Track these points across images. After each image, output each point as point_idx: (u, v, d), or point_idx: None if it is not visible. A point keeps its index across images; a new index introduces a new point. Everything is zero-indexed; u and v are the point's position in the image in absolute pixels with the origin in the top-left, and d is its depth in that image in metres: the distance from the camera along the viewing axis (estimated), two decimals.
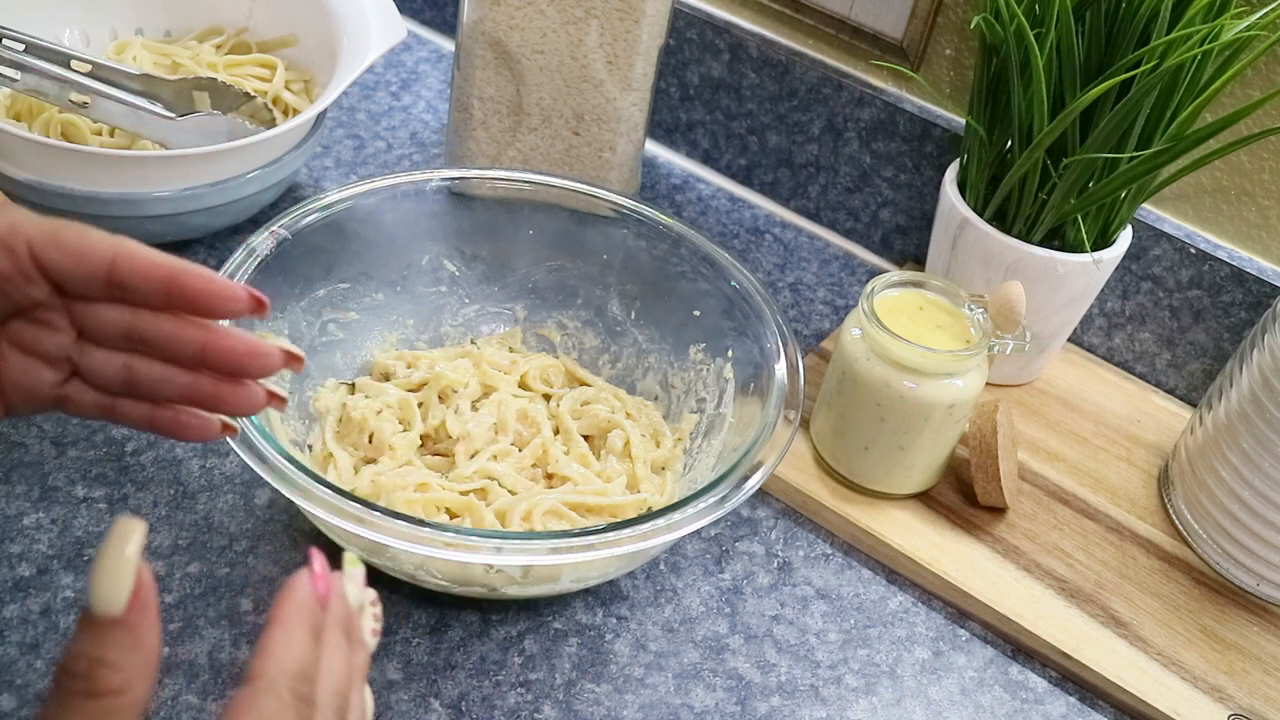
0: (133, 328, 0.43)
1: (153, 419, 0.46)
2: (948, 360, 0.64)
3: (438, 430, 0.65)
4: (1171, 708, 0.61)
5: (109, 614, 0.32)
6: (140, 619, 0.33)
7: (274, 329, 0.64)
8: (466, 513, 0.60)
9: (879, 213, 0.89)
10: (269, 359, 0.44)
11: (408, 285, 0.72)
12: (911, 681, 0.62)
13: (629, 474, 0.65)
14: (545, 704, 0.58)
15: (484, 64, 0.79)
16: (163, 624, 0.58)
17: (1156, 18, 0.65)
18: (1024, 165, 0.70)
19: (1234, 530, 0.67)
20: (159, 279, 0.42)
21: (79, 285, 0.42)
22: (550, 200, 0.72)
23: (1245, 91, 0.73)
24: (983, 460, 0.67)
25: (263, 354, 0.44)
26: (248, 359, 0.44)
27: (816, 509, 0.69)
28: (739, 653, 0.62)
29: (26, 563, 0.59)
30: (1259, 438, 0.65)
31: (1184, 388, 0.82)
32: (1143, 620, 0.66)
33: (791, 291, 0.86)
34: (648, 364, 0.72)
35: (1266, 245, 0.77)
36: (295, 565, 0.61)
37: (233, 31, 0.88)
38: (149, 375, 0.44)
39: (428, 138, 0.94)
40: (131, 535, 0.33)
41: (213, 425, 0.46)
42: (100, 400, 0.45)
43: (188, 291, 0.42)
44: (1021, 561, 0.68)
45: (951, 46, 0.83)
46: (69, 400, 0.45)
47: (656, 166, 0.95)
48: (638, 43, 0.77)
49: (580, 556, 0.52)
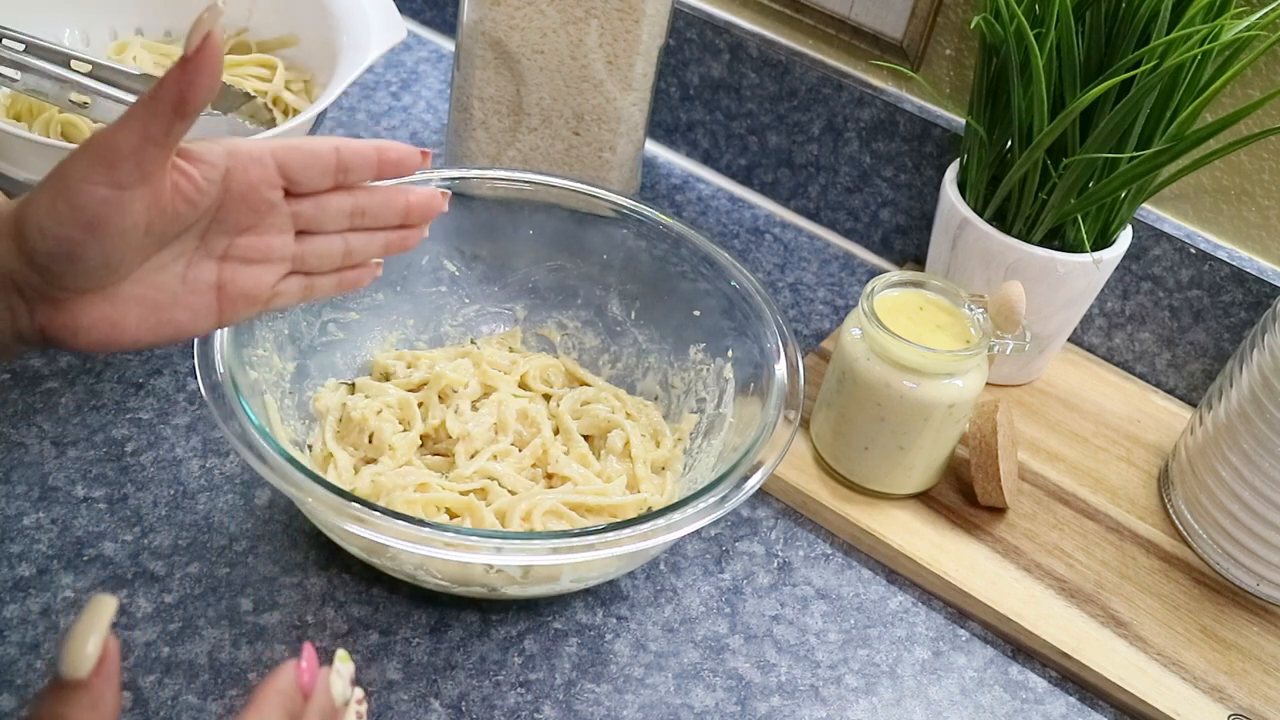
0: (355, 206, 0.50)
1: (340, 281, 0.53)
2: (948, 360, 0.64)
3: (438, 430, 0.65)
4: (1171, 708, 0.61)
5: (75, 677, 0.36)
6: (102, 684, 0.36)
7: (274, 329, 0.64)
8: (466, 513, 0.60)
9: (879, 213, 0.89)
10: (435, 195, 0.54)
11: (408, 285, 0.72)
12: (911, 681, 0.62)
13: (629, 474, 0.65)
14: (545, 704, 0.58)
15: (484, 64, 0.79)
16: (163, 624, 0.58)
17: (1156, 18, 0.65)
18: (1024, 165, 0.70)
19: (1234, 530, 0.67)
20: (371, 157, 0.49)
21: (314, 180, 0.48)
22: (550, 200, 0.72)
23: (1245, 91, 0.73)
24: (983, 460, 0.67)
25: (434, 194, 0.54)
26: (431, 199, 0.53)
27: (816, 509, 0.69)
28: (739, 653, 0.62)
29: (26, 563, 0.59)
30: (1259, 438, 0.65)
31: (1184, 388, 0.82)
32: (1143, 620, 0.66)
33: (791, 291, 0.86)
34: (648, 364, 0.72)
35: (1266, 245, 0.77)
36: (295, 565, 0.62)
37: (233, 31, 0.88)
38: (364, 245, 0.52)
39: (428, 138, 0.94)
40: (105, 611, 0.36)
41: (378, 266, 0.55)
42: (304, 285, 0.51)
43: (390, 160, 0.50)
44: (1021, 561, 0.68)
45: (951, 46, 0.83)
46: (279, 296, 0.50)
47: (656, 166, 0.95)
48: (638, 43, 0.77)
49: (580, 556, 0.52)
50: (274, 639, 0.58)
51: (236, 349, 0.59)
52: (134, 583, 0.60)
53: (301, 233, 0.50)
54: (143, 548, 0.61)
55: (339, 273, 0.52)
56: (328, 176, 0.49)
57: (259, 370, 0.62)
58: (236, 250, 0.47)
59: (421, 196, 0.53)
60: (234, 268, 0.48)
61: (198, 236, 0.46)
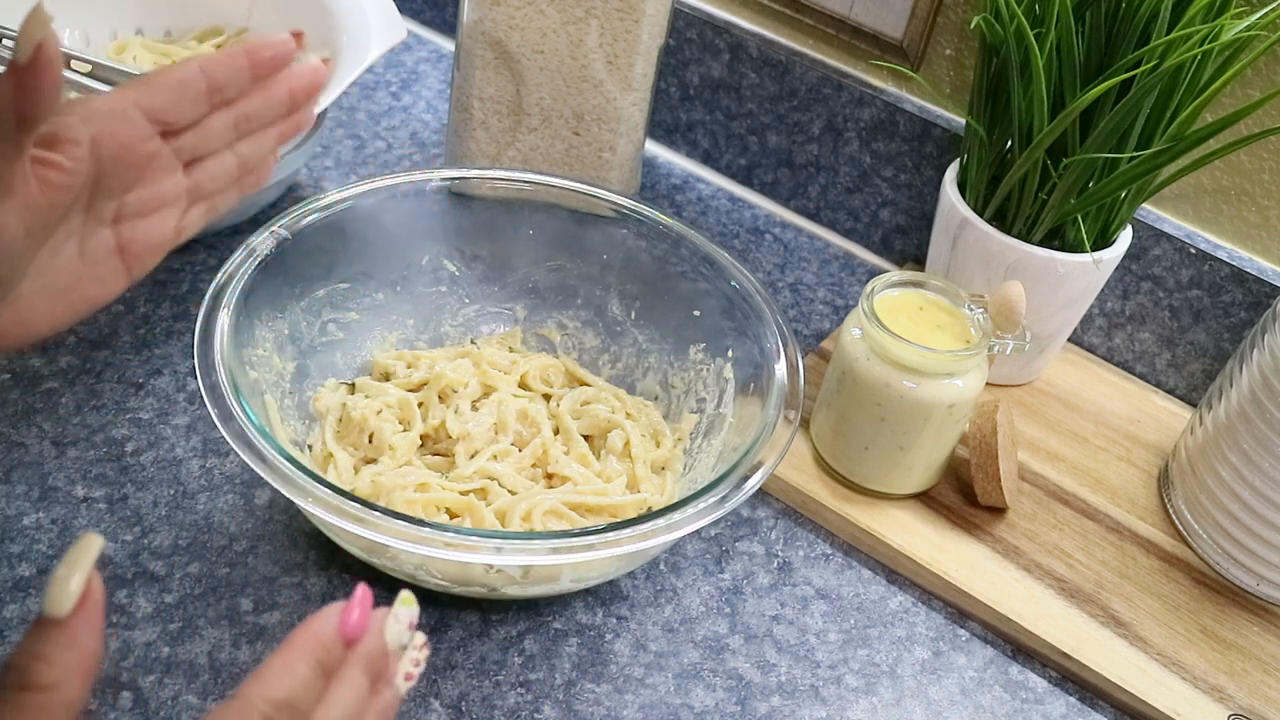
0: (239, 116, 0.48)
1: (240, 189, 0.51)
2: (948, 360, 0.64)
3: (438, 430, 0.65)
4: (1171, 708, 0.61)
5: (54, 615, 0.35)
6: (82, 624, 0.35)
7: (274, 329, 0.64)
8: (466, 513, 0.60)
9: (879, 213, 0.89)
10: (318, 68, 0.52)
11: (408, 285, 0.72)
12: (911, 681, 0.62)
13: (629, 474, 0.65)
14: (545, 704, 0.58)
15: (484, 64, 0.79)
16: (163, 624, 0.58)
17: (1156, 18, 0.65)
18: (1024, 165, 0.70)
19: (1234, 530, 0.67)
20: (243, 65, 0.47)
21: (188, 113, 0.46)
22: (550, 200, 0.72)
23: (1245, 91, 0.73)
24: (983, 460, 0.67)
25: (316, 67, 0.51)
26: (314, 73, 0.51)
27: (816, 509, 0.69)
28: (739, 653, 0.62)
29: (26, 563, 0.59)
30: (1259, 438, 0.65)
31: (1184, 388, 0.82)
32: (1143, 620, 0.66)
33: (791, 291, 0.86)
34: (648, 364, 0.72)
35: (1266, 245, 0.77)
36: (295, 565, 0.62)
37: (233, 31, 0.88)
38: (256, 149, 0.50)
39: (428, 138, 0.94)
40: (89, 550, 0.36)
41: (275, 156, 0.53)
42: (205, 209, 0.49)
43: (264, 61, 0.48)
44: (1021, 561, 0.68)
45: (951, 46, 0.83)
46: (185, 230, 0.48)
47: (656, 166, 0.95)
48: (638, 43, 0.77)
49: (580, 556, 0.52)
50: (274, 639, 0.58)
51: (236, 349, 0.59)
52: (134, 583, 0.60)
53: (190, 163, 0.48)
54: (143, 548, 0.61)
55: (238, 182, 0.50)
56: (201, 103, 0.46)
57: (259, 370, 0.62)
58: (128, 208, 0.46)
59: (303, 77, 0.50)
60: (131, 226, 0.46)
61: (82, 211, 0.44)
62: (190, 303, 0.75)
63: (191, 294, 0.76)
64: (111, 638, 0.57)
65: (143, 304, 0.74)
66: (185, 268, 0.77)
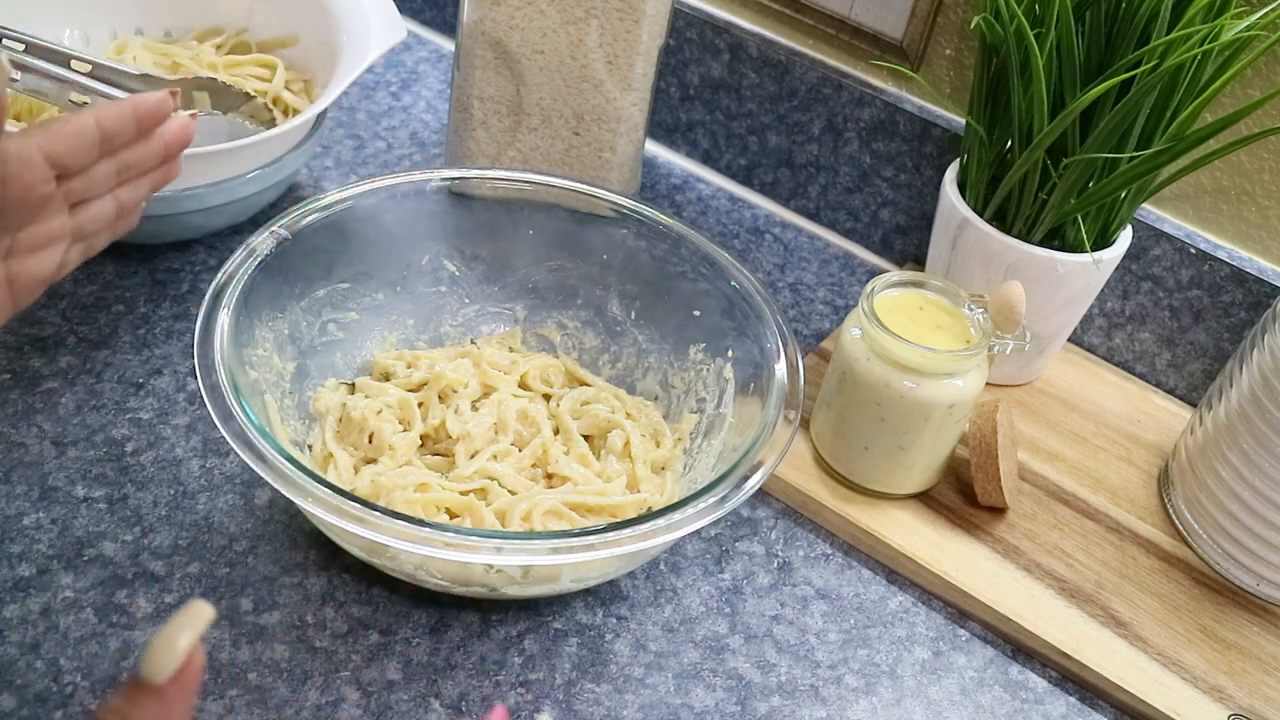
0: (121, 164, 0.53)
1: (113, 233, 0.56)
2: (948, 360, 0.64)
3: (438, 430, 0.65)
4: (1171, 708, 0.61)
5: (151, 681, 0.35)
6: (175, 694, 0.35)
7: (274, 329, 0.64)
8: (466, 513, 0.60)
9: (879, 213, 0.89)
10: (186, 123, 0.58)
11: (408, 285, 0.72)
12: (911, 681, 0.62)
13: (629, 474, 0.65)
14: (545, 704, 0.58)
15: (484, 64, 0.79)
16: (162, 624, 0.58)
17: (1156, 18, 0.65)
18: (1024, 165, 0.70)
19: (1234, 530, 0.67)
20: (129, 118, 0.52)
21: (83, 160, 0.50)
22: (550, 200, 0.72)
23: (1245, 91, 0.73)
24: (983, 460, 0.67)
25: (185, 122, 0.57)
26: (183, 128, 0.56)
27: (816, 509, 0.69)
28: (739, 653, 0.62)
29: (26, 563, 0.59)
30: (1259, 438, 0.65)
31: (1184, 388, 0.82)
32: (1143, 620, 0.66)
33: (791, 291, 0.86)
34: (648, 364, 0.72)
35: (1266, 245, 0.77)
36: (295, 565, 0.62)
37: (233, 31, 0.88)
38: (132, 194, 0.55)
39: (428, 138, 0.94)
40: (198, 619, 0.36)
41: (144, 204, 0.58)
42: (84, 248, 0.54)
43: (148, 114, 0.53)
44: (1021, 561, 0.68)
45: (951, 46, 0.83)
46: (65, 267, 0.53)
47: (656, 166, 0.95)
48: (638, 43, 0.77)
49: (580, 556, 0.52)
50: (274, 639, 0.58)
51: (236, 349, 0.59)
52: (134, 583, 0.60)
53: (76, 205, 0.52)
54: (143, 548, 0.61)
55: (113, 225, 0.55)
56: (94, 151, 0.51)
57: (259, 370, 0.62)
58: (19, 245, 0.49)
59: (175, 131, 0.56)
60: (20, 261, 0.49)
61: None
62: (190, 303, 0.75)
63: (191, 294, 0.76)
64: (112, 638, 0.57)
65: (143, 304, 0.74)
66: (185, 268, 0.77)
